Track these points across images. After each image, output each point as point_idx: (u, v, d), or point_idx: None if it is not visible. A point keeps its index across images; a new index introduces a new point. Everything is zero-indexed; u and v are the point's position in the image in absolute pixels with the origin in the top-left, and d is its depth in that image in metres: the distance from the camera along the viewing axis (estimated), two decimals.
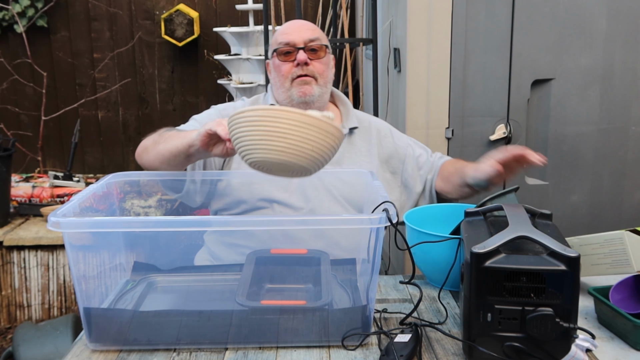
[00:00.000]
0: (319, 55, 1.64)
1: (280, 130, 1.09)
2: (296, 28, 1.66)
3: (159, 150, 1.45)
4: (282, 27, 1.70)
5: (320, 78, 1.64)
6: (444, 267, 1.40)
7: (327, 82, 1.68)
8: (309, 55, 1.62)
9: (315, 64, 1.63)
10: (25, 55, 4.06)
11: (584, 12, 2.15)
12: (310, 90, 1.62)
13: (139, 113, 4.39)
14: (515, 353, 1.10)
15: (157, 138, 1.50)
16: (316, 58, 1.64)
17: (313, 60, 1.63)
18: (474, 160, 2.25)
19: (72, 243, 1.18)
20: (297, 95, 1.62)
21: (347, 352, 1.18)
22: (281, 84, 1.65)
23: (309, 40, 1.63)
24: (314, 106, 1.64)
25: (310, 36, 1.64)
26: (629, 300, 1.31)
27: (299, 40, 1.62)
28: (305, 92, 1.62)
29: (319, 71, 1.64)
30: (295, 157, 1.11)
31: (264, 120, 1.10)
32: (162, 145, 1.44)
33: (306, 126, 1.09)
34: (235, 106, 1.72)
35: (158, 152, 1.46)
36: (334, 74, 1.76)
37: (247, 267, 1.33)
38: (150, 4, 4.23)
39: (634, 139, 2.25)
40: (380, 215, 1.12)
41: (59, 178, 3.52)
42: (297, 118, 1.09)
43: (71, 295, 3.12)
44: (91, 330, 1.20)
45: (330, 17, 4.01)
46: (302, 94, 1.62)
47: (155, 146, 1.47)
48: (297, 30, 1.65)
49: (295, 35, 1.63)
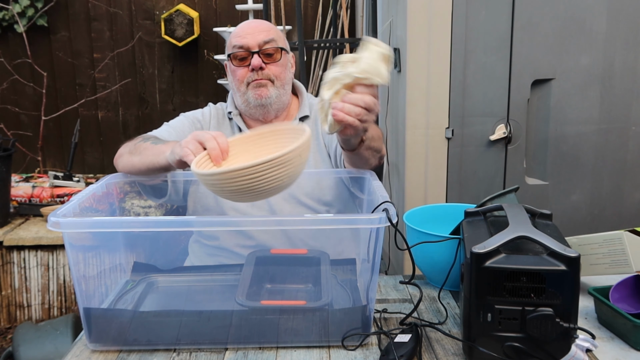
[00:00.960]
0: (275, 58, 1.60)
1: (244, 187, 1.09)
2: (250, 30, 1.60)
3: (134, 163, 1.44)
4: (236, 29, 1.64)
5: (277, 80, 1.61)
6: (444, 267, 1.40)
7: (284, 84, 1.64)
8: (264, 58, 1.58)
9: (270, 67, 1.59)
10: (25, 55, 4.06)
11: (584, 12, 2.15)
12: (266, 92, 1.59)
13: (139, 113, 4.39)
14: (515, 353, 1.10)
15: (132, 148, 1.48)
16: (272, 61, 1.60)
17: (268, 63, 1.59)
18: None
19: (72, 243, 1.18)
20: (253, 97, 1.59)
21: (347, 352, 1.18)
22: (237, 88, 1.62)
23: (263, 43, 1.58)
24: (272, 108, 1.62)
25: (265, 38, 1.59)
26: (629, 300, 1.31)
27: (252, 44, 1.58)
28: (261, 94, 1.59)
29: (275, 74, 1.60)
30: (267, 194, 1.13)
31: (223, 183, 1.10)
32: (138, 158, 1.43)
33: (268, 170, 1.09)
34: (204, 112, 1.71)
35: (133, 165, 1.45)
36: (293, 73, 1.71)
37: (247, 267, 1.33)
38: (150, 4, 4.23)
39: (634, 139, 2.25)
40: (380, 215, 1.12)
41: (59, 178, 3.52)
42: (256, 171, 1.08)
43: (71, 295, 3.12)
44: (91, 330, 1.20)
45: (330, 17, 4.01)
46: (258, 96, 1.59)
47: (131, 157, 1.46)
48: (250, 32, 1.60)
49: (249, 39, 1.58)
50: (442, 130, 2.24)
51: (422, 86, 2.20)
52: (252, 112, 1.64)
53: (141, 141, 1.48)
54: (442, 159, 2.26)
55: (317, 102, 1.70)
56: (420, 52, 2.18)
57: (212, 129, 1.67)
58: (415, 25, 2.17)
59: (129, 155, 1.47)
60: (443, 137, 2.24)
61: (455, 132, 2.23)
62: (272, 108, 1.62)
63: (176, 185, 1.56)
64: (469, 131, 2.23)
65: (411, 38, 2.18)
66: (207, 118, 1.70)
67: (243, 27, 1.63)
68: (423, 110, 2.22)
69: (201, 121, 1.69)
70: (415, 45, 2.18)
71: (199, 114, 1.71)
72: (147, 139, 1.49)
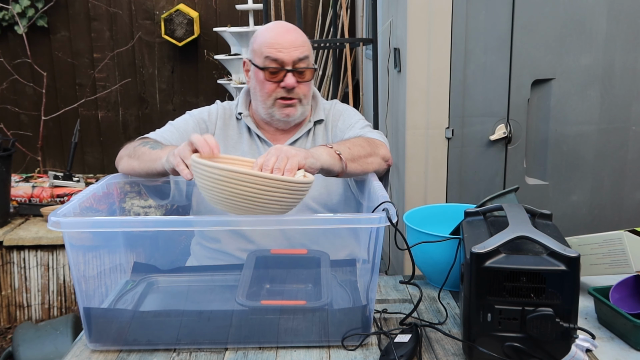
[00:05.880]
0: (306, 77, 1.57)
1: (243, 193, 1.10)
2: (286, 44, 1.53)
3: (133, 167, 1.45)
4: (270, 37, 1.56)
5: (304, 99, 1.59)
6: (444, 267, 1.40)
7: (309, 100, 1.63)
8: (296, 77, 1.54)
9: (301, 87, 1.56)
10: (25, 55, 4.06)
11: (584, 12, 2.15)
12: (294, 112, 1.58)
13: (139, 113, 4.40)
14: (515, 353, 1.10)
15: (132, 152, 1.48)
16: (303, 80, 1.56)
17: (300, 82, 1.56)
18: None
19: (72, 243, 1.18)
20: (280, 116, 1.58)
21: (347, 352, 1.18)
22: (262, 101, 1.59)
23: (298, 60, 1.53)
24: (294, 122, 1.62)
25: (300, 55, 1.53)
26: (629, 300, 1.31)
27: (288, 60, 1.53)
28: (288, 114, 1.58)
29: (304, 93, 1.58)
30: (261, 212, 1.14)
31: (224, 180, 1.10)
32: (137, 163, 1.44)
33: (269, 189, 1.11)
34: (210, 112, 1.69)
35: (133, 168, 1.45)
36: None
37: (247, 267, 1.33)
38: (150, 4, 4.23)
39: (634, 139, 2.25)
40: (380, 215, 1.12)
41: (59, 178, 3.52)
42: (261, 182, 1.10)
43: (71, 295, 3.12)
44: (91, 330, 1.20)
45: (330, 17, 4.01)
46: (286, 116, 1.58)
47: (130, 161, 1.46)
48: (287, 47, 1.53)
49: (284, 54, 1.53)
50: (442, 130, 2.24)
51: (422, 86, 2.20)
52: (273, 123, 1.63)
53: (140, 145, 1.48)
54: (442, 159, 2.26)
55: (328, 106, 1.71)
56: (420, 52, 2.18)
57: (217, 129, 1.66)
58: (415, 25, 2.17)
59: (128, 159, 1.48)
60: (443, 137, 2.24)
61: (455, 132, 2.23)
62: (293, 122, 1.62)
63: (179, 186, 1.56)
64: (469, 131, 2.23)
65: (411, 38, 2.18)
66: (213, 118, 1.68)
67: (279, 38, 1.54)
68: (423, 110, 2.22)
69: (207, 121, 1.66)
70: (415, 45, 2.18)
71: (205, 114, 1.68)
72: (147, 143, 1.48)
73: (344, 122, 1.67)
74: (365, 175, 1.47)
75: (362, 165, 1.41)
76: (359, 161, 1.40)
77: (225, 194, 1.11)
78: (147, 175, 1.45)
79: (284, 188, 1.12)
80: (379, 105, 2.70)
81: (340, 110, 1.71)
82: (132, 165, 1.45)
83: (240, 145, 1.64)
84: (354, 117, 1.69)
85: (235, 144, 1.65)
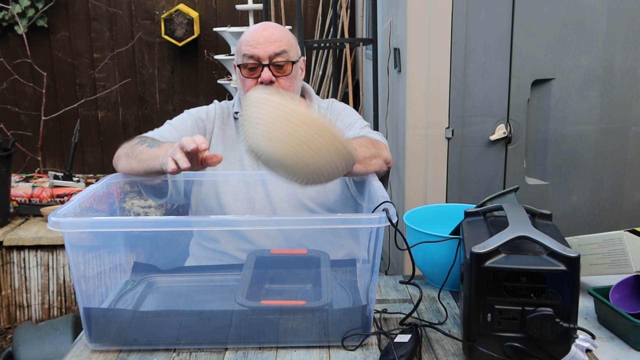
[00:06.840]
0: (285, 70, 1.55)
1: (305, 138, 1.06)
2: (261, 40, 1.54)
3: (132, 166, 1.44)
4: (247, 35, 1.57)
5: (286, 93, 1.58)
6: (444, 267, 1.40)
7: (295, 95, 1.62)
8: (274, 71, 1.54)
9: (280, 81, 1.55)
10: (25, 55, 4.06)
11: (584, 12, 2.15)
12: None
13: (139, 113, 4.40)
14: (515, 353, 1.10)
15: (129, 151, 1.47)
16: (282, 74, 1.55)
17: (279, 77, 1.55)
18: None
19: (72, 243, 1.18)
20: None
21: (347, 353, 1.18)
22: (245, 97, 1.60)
23: (274, 55, 1.53)
24: None
25: (276, 50, 1.53)
26: (629, 300, 1.31)
27: (263, 55, 1.53)
28: None
29: (284, 87, 1.56)
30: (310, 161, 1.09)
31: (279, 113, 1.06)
32: (135, 162, 1.43)
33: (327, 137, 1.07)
34: (208, 111, 1.69)
35: (132, 167, 1.45)
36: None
37: (247, 267, 1.33)
38: (150, 4, 4.23)
39: (634, 139, 2.25)
40: (380, 215, 1.12)
41: (59, 178, 3.52)
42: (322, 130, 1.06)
43: (71, 295, 3.12)
44: (91, 330, 1.20)
45: (330, 17, 4.01)
46: None
47: (128, 160, 1.46)
48: (262, 42, 1.54)
49: (259, 49, 1.53)
50: (442, 130, 2.24)
51: (422, 86, 2.20)
52: None
53: (138, 143, 1.48)
54: (442, 159, 2.26)
55: (325, 105, 1.71)
56: (420, 52, 2.18)
57: (216, 128, 1.66)
58: (415, 25, 2.17)
59: (126, 158, 1.47)
60: (443, 137, 2.24)
61: (455, 132, 2.23)
62: None
63: (177, 185, 1.56)
64: (469, 131, 2.23)
65: (411, 38, 2.18)
66: (211, 117, 1.68)
67: (254, 35, 1.57)
68: (423, 110, 2.22)
69: (205, 120, 1.66)
70: (415, 45, 2.18)
71: (203, 113, 1.68)
72: (144, 142, 1.48)
73: (343, 121, 1.66)
74: (365, 176, 1.47)
75: (365, 166, 1.41)
76: (364, 162, 1.39)
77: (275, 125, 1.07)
78: (145, 174, 1.44)
79: (337, 150, 1.09)
80: (379, 105, 2.71)
81: (338, 110, 1.70)
82: (130, 164, 1.45)
83: (238, 144, 1.64)
84: (353, 116, 1.68)
85: (233, 142, 1.65)
